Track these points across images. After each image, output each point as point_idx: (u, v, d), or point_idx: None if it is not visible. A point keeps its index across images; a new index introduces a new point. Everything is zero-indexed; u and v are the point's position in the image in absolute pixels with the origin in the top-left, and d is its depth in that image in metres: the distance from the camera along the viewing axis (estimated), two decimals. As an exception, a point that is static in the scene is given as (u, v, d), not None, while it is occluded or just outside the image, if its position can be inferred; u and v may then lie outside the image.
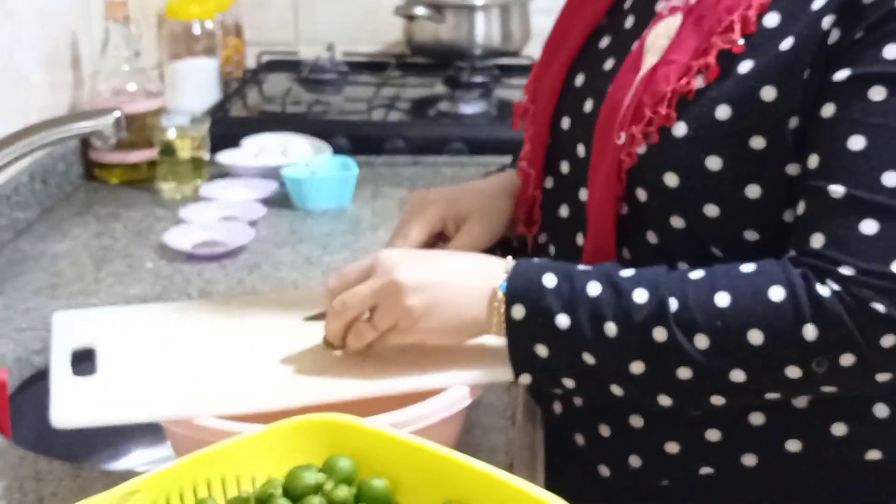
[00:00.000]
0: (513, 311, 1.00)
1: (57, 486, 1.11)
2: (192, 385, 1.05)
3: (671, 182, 1.02)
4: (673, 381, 0.97)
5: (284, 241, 1.75)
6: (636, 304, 0.97)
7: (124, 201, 1.91)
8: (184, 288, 1.57)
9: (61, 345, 1.11)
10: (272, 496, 0.90)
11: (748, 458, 1.05)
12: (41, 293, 1.56)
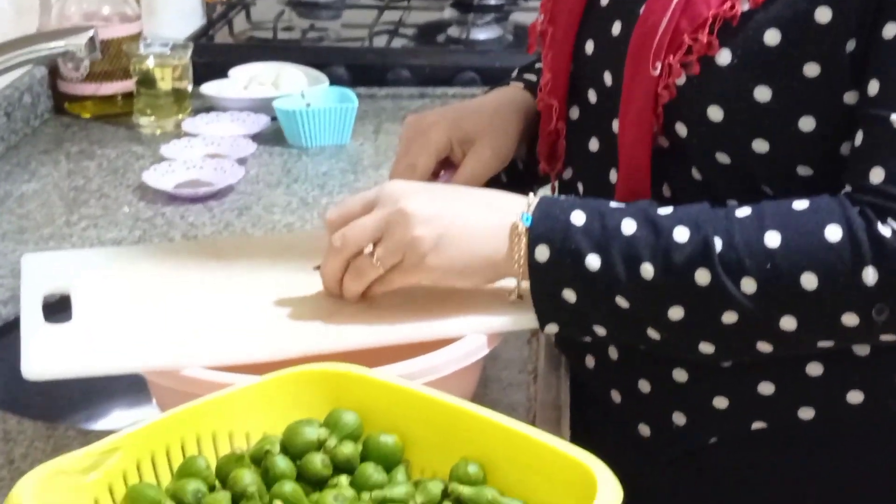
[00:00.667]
0: (537, 253, 0.99)
1: (28, 447, 1.12)
2: (179, 333, 1.04)
3: (715, 116, 1.01)
4: (716, 327, 0.96)
5: (277, 181, 1.74)
6: (676, 244, 0.96)
7: (98, 137, 1.91)
8: (166, 232, 1.57)
9: (32, 289, 1.10)
10: (269, 453, 0.90)
11: (805, 412, 1.05)
12: (7, 238, 1.56)
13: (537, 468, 0.87)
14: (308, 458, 0.90)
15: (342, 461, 0.90)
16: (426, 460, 0.92)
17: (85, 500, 0.85)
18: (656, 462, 1.12)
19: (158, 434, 0.90)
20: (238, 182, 1.70)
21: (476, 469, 0.89)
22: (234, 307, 1.09)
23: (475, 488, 0.87)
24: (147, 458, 0.89)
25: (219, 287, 1.12)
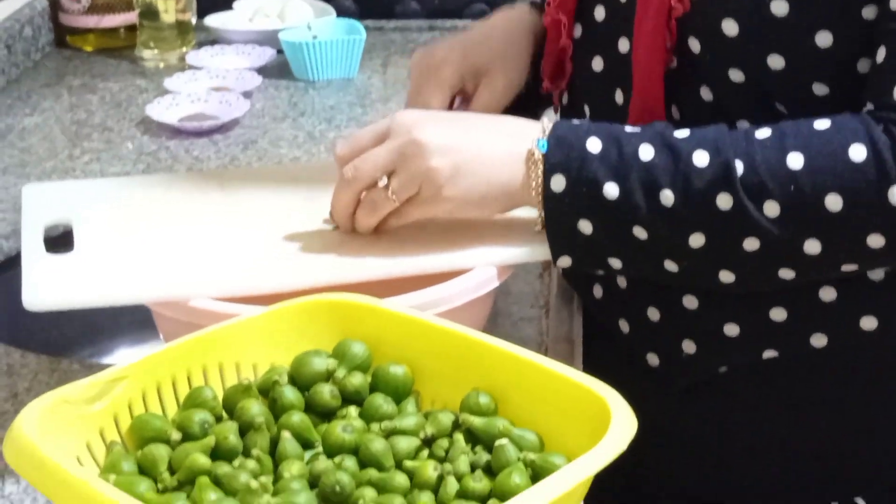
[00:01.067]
0: (552, 183, 0.98)
1: (32, 381, 1.12)
2: (185, 264, 1.04)
3: (730, 30, 0.99)
4: (738, 254, 0.95)
5: (284, 114, 1.74)
6: (697, 169, 0.95)
7: (100, 71, 1.91)
8: (170, 166, 1.57)
9: (33, 219, 1.10)
10: (277, 384, 0.90)
11: (817, 339, 1.04)
12: (8, 171, 1.56)
13: (550, 399, 0.87)
14: (316, 390, 0.90)
15: (351, 392, 0.91)
16: (436, 391, 0.92)
17: (90, 429, 0.85)
18: (666, 392, 1.12)
19: (164, 364, 0.90)
20: (243, 116, 1.70)
21: (487, 400, 0.89)
22: (241, 238, 1.08)
23: (486, 419, 0.87)
24: (153, 389, 0.89)
25: (225, 218, 1.11)
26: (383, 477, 0.83)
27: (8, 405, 1.08)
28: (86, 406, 0.85)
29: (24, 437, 0.78)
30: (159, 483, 0.83)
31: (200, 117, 1.68)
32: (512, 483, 0.81)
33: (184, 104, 1.71)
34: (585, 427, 0.82)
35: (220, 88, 1.77)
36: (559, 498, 0.76)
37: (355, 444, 0.86)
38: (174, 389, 0.90)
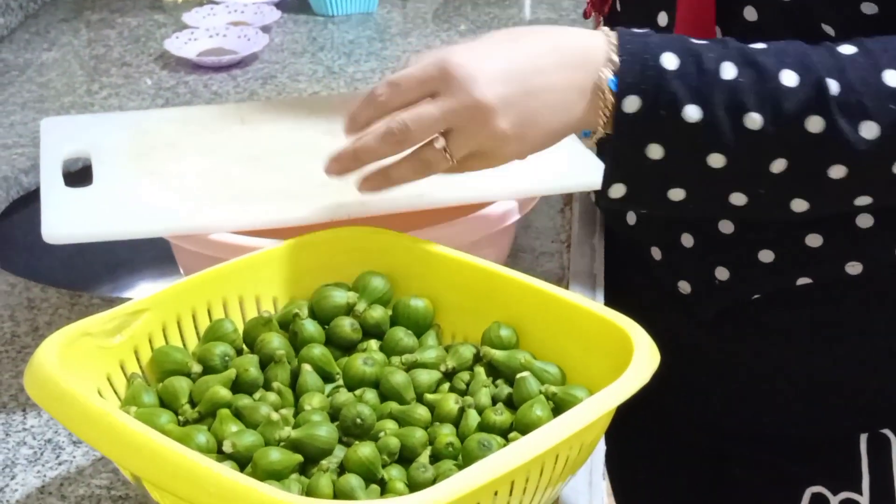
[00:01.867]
0: (625, 104, 0.89)
1: (52, 315, 1.13)
2: (204, 196, 1.04)
3: None
4: (819, 180, 0.91)
5: (303, 49, 1.73)
6: (786, 89, 0.89)
7: (118, 6, 1.90)
8: (189, 101, 1.57)
9: (51, 153, 1.09)
10: (297, 317, 0.91)
11: (852, 266, 1.03)
12: (27, 107, 1.56)
13: (572, 331, 0.87)
14: (337, 323, 0.91)
15: (371, 325, 0.91)
16: (457, 324, 0.93)
17: (110, 362, 0.85)
18: (696, 321, 1.11)
19: (184, 297, 0.90)
20: (262, 50, 1.70)
21: (509, 333, 0.89)
22: (261, 172, 1.08)
23: (507, 352, 0.88)
24: (173, 322, 0.89)
25: (245, 151, 1.11)
26: (404, 410, 0.83)
27: (28, 339, 1.09)
28: (106, 339, 0.85)
29: (45, 369, 0.78)
30: (180, 415, 0.84)
31: (219, 52, 1.68)
32: (533, 416, 0.82)
33: (202, 39, 1.71)
34: (608, 360, 0.82)
35: (238, 23, 1.77)
36: (581, 430, 0.76)
37: (376, 378, 0.87)
38: (194, 322, 0.91)
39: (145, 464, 0.74)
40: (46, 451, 0.96)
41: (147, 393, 0.85)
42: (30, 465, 0.94)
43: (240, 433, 0.81)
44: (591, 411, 0.77)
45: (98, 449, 0.77)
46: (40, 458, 0.95)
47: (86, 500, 0.91)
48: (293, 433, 0.81)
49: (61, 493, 0.92)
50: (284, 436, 0.81)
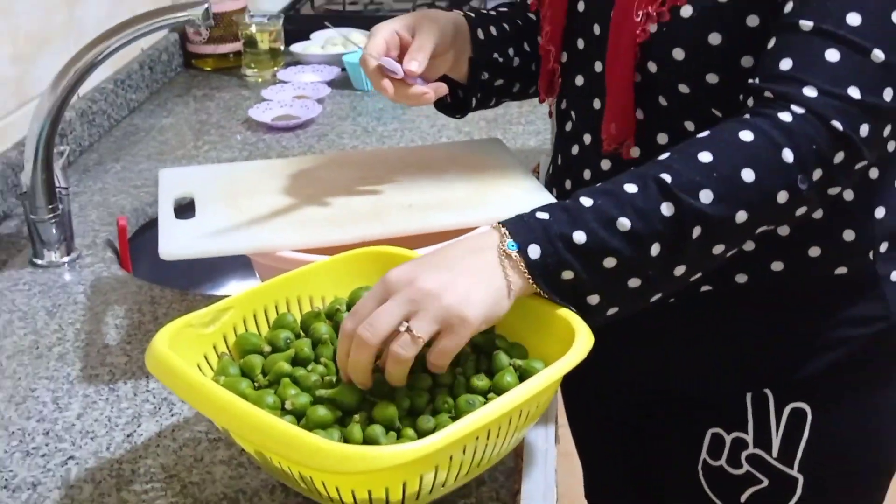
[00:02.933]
0: (530, 252, 0.83)
1: (168, 308, 1.13)
2: (273, 224, 1.03)
3: (678, 56, 0.96)
4: (687, 244, 0.87)
5: (346, 115, 1.73)
6: (633, 194, 0.85)
7: (216, 84, 1.90)
8: (265, 153, 1.57)
9: (166, 194, 1.09)
10: (338, 310, 0.91)
11: (740, 277, 1.02)
12: (151, 158, 1.56)
13: (533, 321, 0.86)
14: (366, 315, 0.90)
15: (391, 316, 0.91)
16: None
17: (205, 345, 0.86)
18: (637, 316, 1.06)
19: (259, 297, 0.90)
20: (317, 116, 1.69)
21: (488, 321, 0.89)
22: (314, 205, 1.07)
23: (486, 336, 0.87)
24: (251, 315, 0.90)
25: (303, 190, 1.10)
26: (413, 378, 0.83)
27: (151, 326, 1.09)
28: (203, 328, 0.86)
29: (159, 351, 0.79)
30: (255, 382, 0.84)
31: (287, 117, 1.68)
32: (505, 382, 0.82)
33: (275, 108, 1.71)
34: (558, 342, 0.82)
35: (301, 96, 1.76)
36: (538, 392, 0.76)
37: (394, 354, 0.86)
38: (266, 315, 0.91)
39: (230, 419, 0.74)
40: (163, 407, 0.96)
41: (232, 366, 0.85)
42: (150, 416, 0.95)
43: (297, 395, 0.81)
44: (545, 379, 0.77)
45: (196, 408, 0.77)
46: (158, 411, 0.96)
47: (190, 441, 0.91)
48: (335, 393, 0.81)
49: (173, 436, 0.92)
50: (328, 396, 0.81)
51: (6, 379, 1.01)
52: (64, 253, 1.23)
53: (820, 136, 0.87)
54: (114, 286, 1.18)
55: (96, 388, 0.99)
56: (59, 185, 1.23)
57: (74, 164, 1.53)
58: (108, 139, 1.63)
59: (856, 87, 0.87)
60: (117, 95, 1.70)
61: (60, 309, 1.13)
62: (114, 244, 1.29)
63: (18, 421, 0.94)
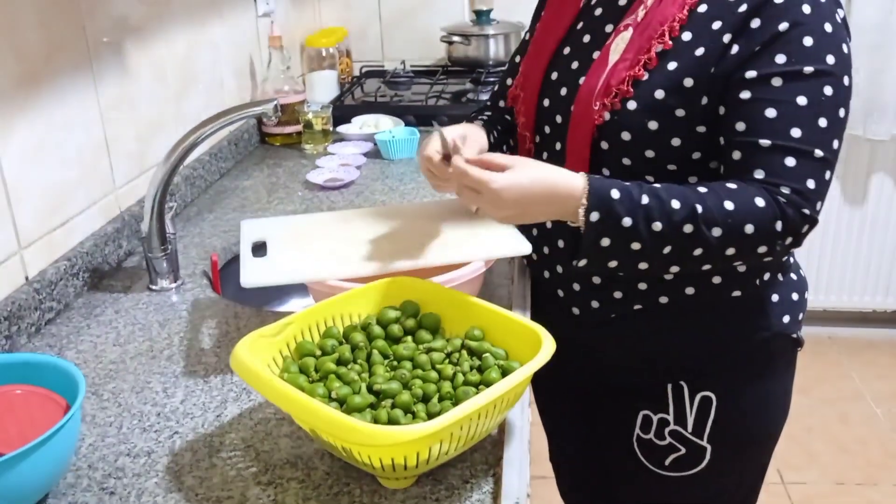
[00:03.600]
0: (591, 217, 0.88)
1: (247, 321, 1.13)
2: (324, 260, 1.03)
3: (625, 137, 0.96)
4: (687, 257, 0.90)
5: (377, 177, 1.72)
6: (674, 209, 0.88)
7: (283, 156, 1.90)
8: (319, 205, 1.56)
9: (246, 239, 1.09)
10: (370, 324, 0.91)
11: (662, 298, 1.02)
12: (235, 210, 1.56)
13: (511, 331, 0.87)
14: (391, 327, 0.91)
15: (409, 328, 0.91)
16: (452, 327, 0.92)
17: (274, 350, 0.86)
18: (583, 326, 1.08)
19: (312, 315, 0.91)
20: (356, 178, 1.69)
21: (479, 332, 0.89)
22: (353, 246, 1.07)
23: (478, 342, 0.87)
24: (307, 328, 0.90)
25: (345, 234, 1.10)
26: (424, 374, 0.83)
27: (234, 334, 1.09)
28: (272, 338, 0.86)
29: (240, 355, 0.79)
30: (310, 378, 0.84)
31: (335, 180, 1.67)
32: (491, 377, 0.82)
33: (326, 173, 1.70)
34: (529, 347, 0.82)
35: (344, 164, 1.76)
36: (515, 385, 0.76)
37: (411, 356, 0.87)
38: (318, 327, 0.91)
39: (291, 405, 0.74)
40: (242, 395, 0.96)
41: (293, 366, 0.85)
42: (234, 402, 0.94)
43: (340, 387, 0.81)
44: (521, 375, 0.77)
45: (267, 397, 0.77)
46: (240, 397, 0.95)
47: (262, 420, 0.91)
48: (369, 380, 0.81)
49: (250, 416, 0.92)
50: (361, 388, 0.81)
51: (129, 374, 1.01)
52: (172, 281, 1.23)
53: (797, 219, 0.88)
54: (208, 305, 1.18)
55: (194, 381, 0.99)
56: (169, 231, 1.23)
57: (180, 214, 1.53)
58: (204, 196, 1.63)
59: (811, 180, 0.88)
60: (211, 164, 1.70)
61: (169, 322, 1.13)
62: (208, 274, 1.29)
63: (137, 405, 0.95)
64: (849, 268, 2.79)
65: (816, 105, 0.88)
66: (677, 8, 0.94)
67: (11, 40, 1.10)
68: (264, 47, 1.99)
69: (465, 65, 2.35)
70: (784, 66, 0.88)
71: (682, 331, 1.04)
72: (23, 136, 1.12)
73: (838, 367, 2.70)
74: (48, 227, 1.17)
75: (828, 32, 0.89)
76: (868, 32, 2.44)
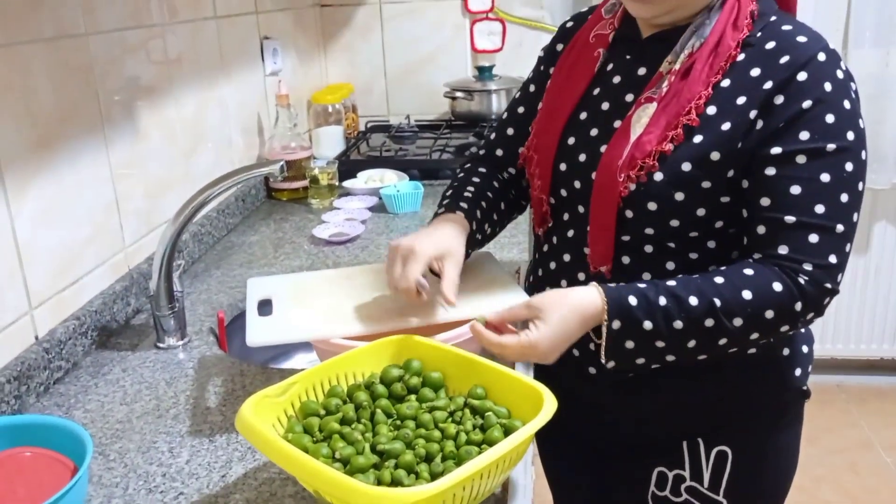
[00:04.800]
0: (613, 325, 0.90)
1: (252, 379, 1.13)
2: (327, 319, 1.04)
3: (651, 207, 0.96)
4: (713, 347, 0.91)
5: (381, 231, 1.74)
6: (693, 306, 0.89)
7: (290, 210, 1.91)
8: (324, 260, 1.57)
9: (252, 297, 1.10)
10: (374, 383, 0.91)
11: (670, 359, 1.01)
12: (242, 265, 1.57)
13: (513, 390, 0.87)
14: (394, 385, 0.91)
15: (412, 387, 0.91)
16: (455, 386, 0.92)
17: (278, 410, 0.86)
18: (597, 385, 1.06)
19: (316, 374, 0.91)
20: (361, 233, 1.70)
21: (482, 390, 0.89)
22: (357, 304, 1.08)
23: (481, 401, 0.87)
24: (311, 387, 0.90)
25: (350, 294, 1.11)
26: (427, 433, 0.83)
27: (240, 393, 1.09)
28: (277, 398, 0.86)
29: (245, 416, 0.80)
30: (314, 437, 0.84)
31: (340, 234, 1.69)
32: (494, 436, 0.82)
33: (331, 227, 1.72)
34: (531, 406, 0.82)
35: (350, 219, 1.78)
36: (518, 444, 0.76)
37: (414, 415, 0.87)
38: (322, 386, 0.91)
39: (295, 467, 0.74)
40: (247, 454, 0.96)
41: (297, 425, 0.85)
42: (239, 461, 0.95)
43: (344, 447, 0.81)
44: (523, 434, 0.77)
45: (271, 459, 0.77)
46: (245, 457, 0.95)
47: (267, 480, 0.91)
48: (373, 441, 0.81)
49: (255, 476, 0.92)
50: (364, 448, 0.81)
51: (135, 434, 1.01)
52: (179, 338, 1.24)
53: (818, 294, 0.89)
54: (214, 363, 1.18)
55: (200, 440, 0.99)
56: (176, 289, 1.24)
57: (188, 271, 1.54)
58: (212, 252, 1.64)
59: (833, 255, 0.89)
60: (219, 220, 1.72)
61: (175, 380, 1.13)
62: (215, 331, 1.30)
63: (143, 465, 0.95)
64: (854, 316, 2.78)
65: (839, 181, 0.89)
66: (702, 85, 0.94)
67: (28, 106, 1.13)
68: (272, 105, 2.03)
69: (468, 119, 2.39)
70: (808, 143, 0.90)
71: (699, 387, 1.03)
72: (36, 199, 1.15)
73: (847, 416, 2.68)
74: (59, 286, 1.19)
75: (847, 109, 0.91)
76: (865, 83, 2.48)
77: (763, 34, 0.94)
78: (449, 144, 2.25)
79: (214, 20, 1.74)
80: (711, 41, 0.95)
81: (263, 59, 2.00)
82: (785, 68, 0.91)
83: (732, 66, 0.94)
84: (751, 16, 0.95)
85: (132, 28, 1.41)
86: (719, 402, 1.04)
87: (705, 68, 0.94)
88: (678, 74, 0.96)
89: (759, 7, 0.96)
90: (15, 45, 1.11)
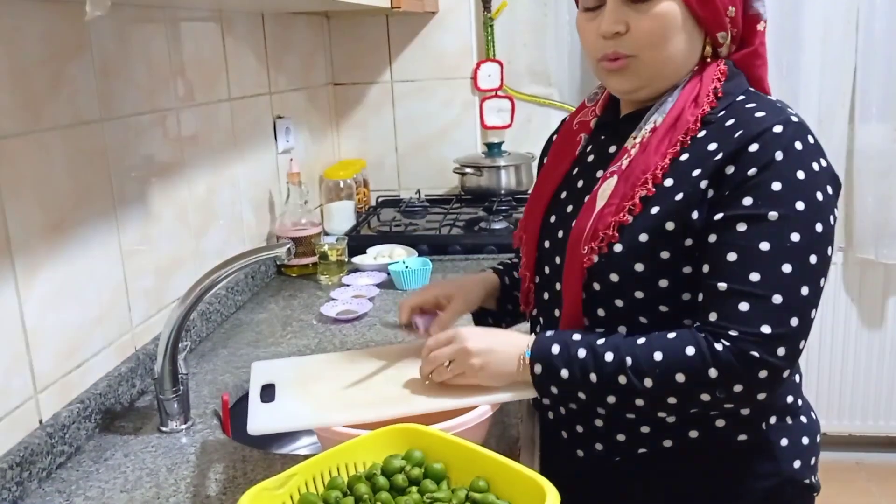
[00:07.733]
0: (534, 369, 0.99)
1: (254, 465, 1.12)
2: (330, 406, 1.04)
3: (614, 279, 0.99)
4: (632, 406, 0.95)
5: (390, 309, 1.74)
6: (607, 362, 0.94)
7: (299, 287, 1.93)
8: (331, 339, 1.57)
9: (255, 382, 1.11)
10: (374, 474, 0.90)
11: (667, 442, 1.02)
12: (250, 344, 1.57)
13: (516, 482, 0.85)
14: (395, 477, 0.90)
15: (413, 478, 0.90)
16: (457, 477, 0.91)
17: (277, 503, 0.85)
18: (590, 475, 1.08)
19: (316, 465, 0.90)
20: (369, 310, 1.71)
21: (484, 483, 0.88)
22: (359, 391, 1.08)
23: (483, 494, 0.86)
24: (311, 479, 0.89)
25: (353, 379, 1.11)
26: (428, 529, 0.82)
27: (241, 480, 1.08)
28: (275, 490, 0.85)
29: (242, 511, 0.79)
30: (312, 532, 0.83)
31: (348, 312, 1.69)
32: (495, 532, 0.81)
33: (339, 305, 1.73)
34: (533, 500, 0.81)
35: (358, 296, 1.79)
36: (517, 544, 0.75)
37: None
38: (322, 478, 0.89)
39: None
40: (246, 546, 0.94)
41: (296, 519, 0.84)
42: (237, 554, 0.93)
43: (342, 543, 0.80)
44: (523, 532, 0.76)
45: (267, 556, 0.76)
46: (243, 549, 0.94)
47: (265, 575, 0.89)
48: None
49: (252, 570, 0.90)
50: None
51: (134, 523, 1.00)
52: (182, 422, 1.24)
53: (742, 363, 0.89)
54: (216, 448, 1.18)
55: (199, 530, 0.98)
56: (182, 372, 1.24)
57: (194, 350, 1.54)
58: (219, 331, 1.65)
59: (767, 325, 0.89)
60: (228, 298, 1.73)
61: (177, 467, 1.13)
62: (219, 413, 1.29)
63: (141, 557, 0.94)
64: (872, 392, 2.73)
65: (780, 251, 0.89)
66: (660, 157, 0.98)
67: (43, 192, 1.16)
68: (283, 182, 2.07)
69: (477, 194, 2.43)
70: (749, 210, 0.91)
71: (689, 475, 1.03)
72: (46, 282, 1.16)
73: (867, 497, 2.60)
74: (64, 369, 1.20)
75: (800, 179, 0.91)
76: (873, 159, 2.50)
77: (726, 112, 0.98)
78: (458, 219, 2.27)
79: (228, 102, 1.79)
80: (671, 117, 0.99)
81: (276, 138, 2.04)
82: (737, 141, 0.93)
83: (693, 141, 0.97)
84: (714, 93, 0.98)
85: (147, 113, 1.45)
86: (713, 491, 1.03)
87: (664, 141, 0.98)
88: (640, 148, 0.99)
89: (727, 87, 0.99)
90: (33, 133, 1.14)
